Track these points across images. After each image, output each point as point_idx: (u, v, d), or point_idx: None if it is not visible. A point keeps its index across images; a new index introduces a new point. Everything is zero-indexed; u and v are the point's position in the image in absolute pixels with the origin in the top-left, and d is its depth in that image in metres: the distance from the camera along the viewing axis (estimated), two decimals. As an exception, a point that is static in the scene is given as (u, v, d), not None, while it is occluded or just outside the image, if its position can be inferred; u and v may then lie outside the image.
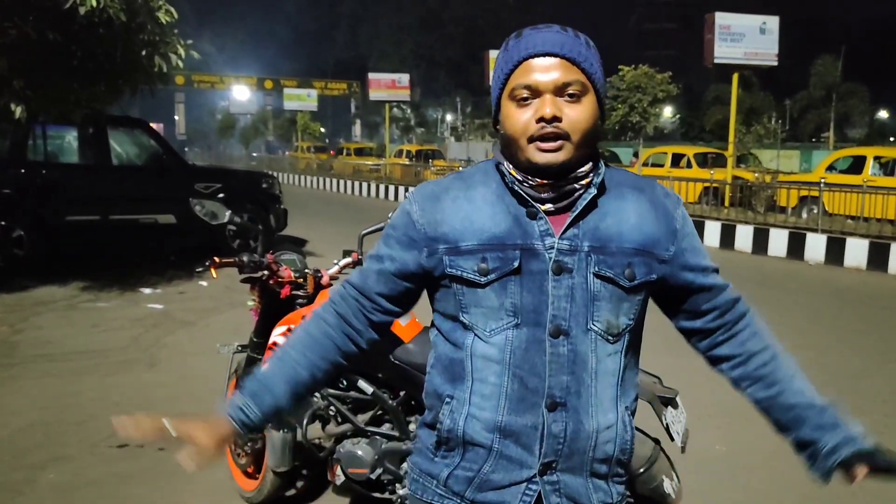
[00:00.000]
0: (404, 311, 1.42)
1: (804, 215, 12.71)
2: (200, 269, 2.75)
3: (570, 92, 1.21)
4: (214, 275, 2.75)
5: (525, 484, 1.27)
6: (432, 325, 1.42)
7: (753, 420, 4.70)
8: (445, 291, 1.31)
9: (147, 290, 7.85)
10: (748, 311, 1.43)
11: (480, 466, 1.29)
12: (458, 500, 1.31)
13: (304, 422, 2.78)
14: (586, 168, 1.26)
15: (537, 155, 1.21)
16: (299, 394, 1.37)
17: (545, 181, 1.24)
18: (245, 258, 2.79)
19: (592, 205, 1.27)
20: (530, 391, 1.25)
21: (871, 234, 10.55)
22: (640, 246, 1.28)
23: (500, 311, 1.25)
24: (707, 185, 14.38)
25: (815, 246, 10.83)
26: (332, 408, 2.84)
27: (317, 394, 2.89)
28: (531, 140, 1.21)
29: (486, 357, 1.27)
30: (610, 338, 1.28)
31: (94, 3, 6.45)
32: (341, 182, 24.82)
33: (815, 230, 11.11)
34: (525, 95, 1.21)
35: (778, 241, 11.38)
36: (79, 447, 3.84)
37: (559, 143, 1.20)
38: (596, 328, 1.26)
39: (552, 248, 1.24)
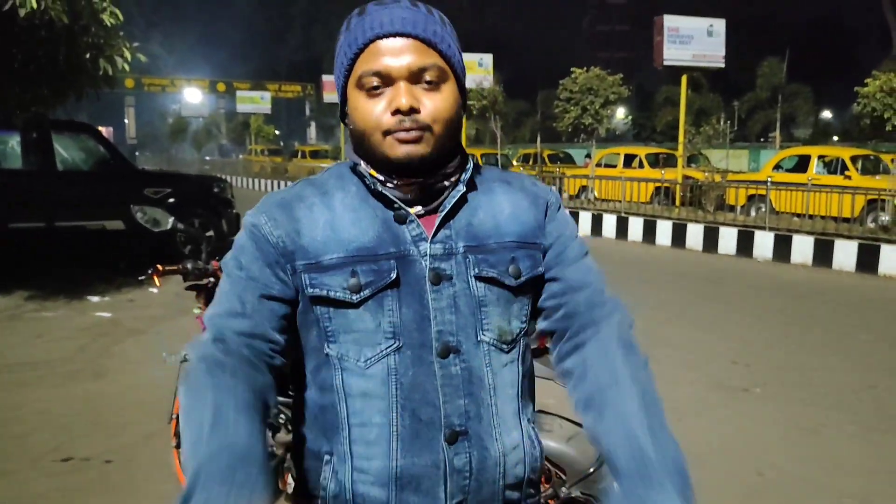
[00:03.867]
0: (290, 355, 1.13)
1: (752, 214, 13.02)
2: (143, 278, 2.70)
3: (428, 78, 1.04)
4: (157, 283, 2.70)
5: None
6: None
7: (701, 416, 4.83)
8: (305, 319, 1.10)
9: (95, 299, 7.67)
10: (605, 318, 1.14)
11: None
12: None
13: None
14: (455, 163, 1.12)
15: (395, 148, 1.04)
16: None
17: (410, 181, 1.08)
18: (189, 265, 2.75)
19: (462, 202, 1.12)
20: (425, 424, 1.05)
21: (815, 232, 10.86)
22: (519, 238, 1.14)
23: (376, 335, 1.06)
24: (659, 185, 14.63)
25: (763, 243, 11.10)
26: (281, 416, 2.81)
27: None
28: (387, 134, 1.04)
29: (365, 394, 1.06)
30: (504, 346, 1.11)
31: (35, 5, 6.28)
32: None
33: (762, 228, 11.38)
34: (375, 84, 1.03)
35: (728, 239, 11.63)
36: (21, 462, 3.72)
37: (419, 133, 1.03)
38: (487, 338, 1.09)
39: (427, 254, 1.07)
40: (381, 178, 1.09)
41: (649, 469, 0.96)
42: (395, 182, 1.08)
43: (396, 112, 1.03)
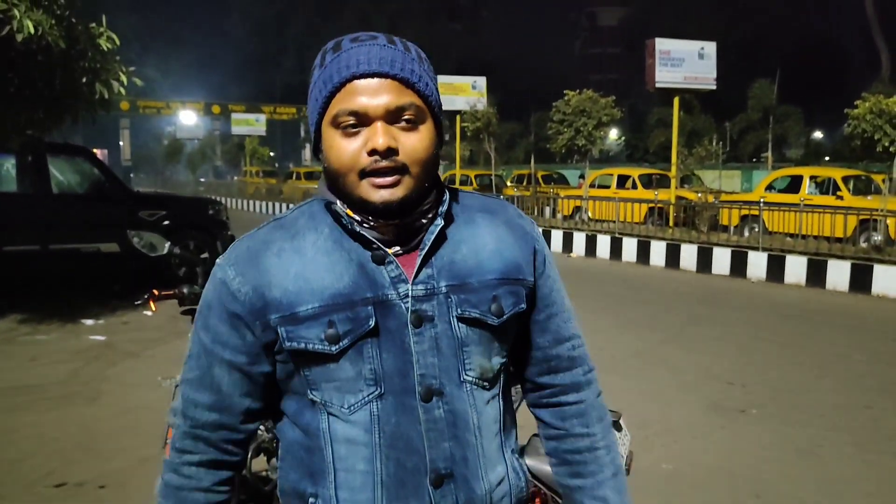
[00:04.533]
0: (274, 406, 1.16)
1: (746, 234, 13.08)
2: (139, 303, 2.70)
3: (406, 118, 1.03)
4: (153, 308, 2.70)
5: None
6: None
7: (698, 437, 4.83)
8: (285, 367, 1.09)
9: (89, 321, 7.64)
10: (587, 384, 1.24)
11: None
12: None
13: (249, 455, 2.73)
14: (431, 199, 1.09)
15: (372, 192, 1.02)
16: None
17: (388, 222, 1.06)
18: (185, 290, 2.75)
19: (442, 237, 1.09)
20: (410, 472, 1.05)
21: (808, 252, 10.91)
22: (503, 275, 1.12)
23: (357, 382, 1.04)
24: (652, 205, 14.70)
25: (757, 263, 11.14)
26: (276, 440, 2.79)
27: (261, 427, 2.85)
28: (363, 175, 1.02)
29: (349, 441, 1.06)
30: (486, 384, 1.11)
31: (32, 31, 6.32)
32: (292, 206, 24.59)
33: (756, 248, 11.43)
34: (351, 122, 1.02)
35: (721, 259, 11.67)
36: (14, 487, 3.69)
37: (396, 177, 1.02)
38: (470, 378, 1.09)
39: (407, 296, 1.05)
40: (358, 218, 1.06)
41: None
42: (372, 223, 1.06)
43: (373, 153, 1.01)
